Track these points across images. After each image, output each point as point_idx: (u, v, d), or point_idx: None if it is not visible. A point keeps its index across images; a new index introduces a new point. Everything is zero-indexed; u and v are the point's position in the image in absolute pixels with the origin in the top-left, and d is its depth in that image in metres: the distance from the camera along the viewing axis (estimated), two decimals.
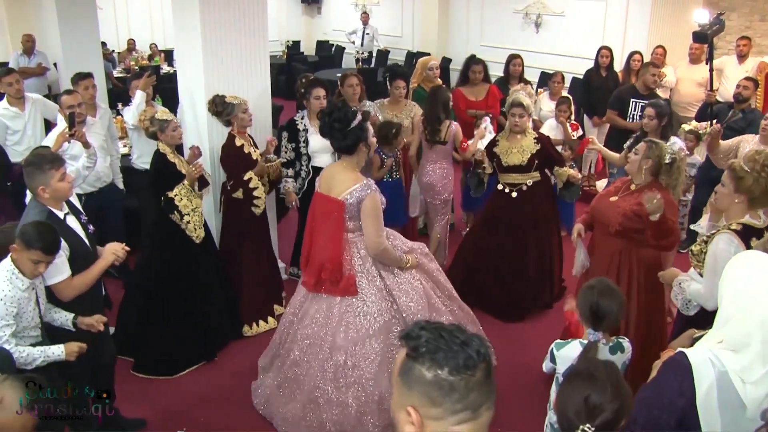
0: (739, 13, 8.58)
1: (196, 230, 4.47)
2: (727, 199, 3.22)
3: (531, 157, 4.97)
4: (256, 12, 5.02)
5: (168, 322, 4.50)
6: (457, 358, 1.28)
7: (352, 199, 3.57)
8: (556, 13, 10.36)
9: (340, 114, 3.56)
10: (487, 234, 5.27)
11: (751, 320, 1.96)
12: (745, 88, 6.06)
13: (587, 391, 1.85)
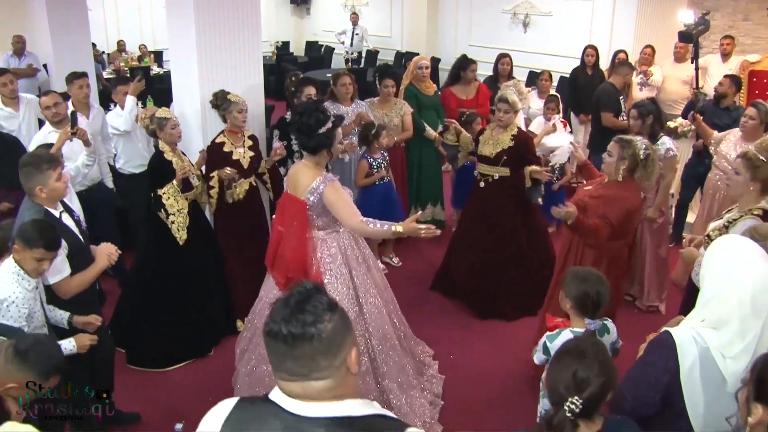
0: (723, 12, 8.73)
1: (179, 231, 4.49)
2: (742, 187, 3.44)
3: (500, 152, 5.07)
4: (250, 12, 5.10)
5: (163, 317, 4.55)
6: (283, 327, 1.45)
7: (313, 198, 3.58)
8: (543, 13, 10.48)
9: (310, 118, 3.56)
10: (464, 225, 5.48)
11: (730, 300, 2.07)
12: (721, 85, 6.24)
13: (575, 367, 1.94)
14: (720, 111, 6.26)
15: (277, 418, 1.47)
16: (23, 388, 2.34)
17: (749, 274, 2.08)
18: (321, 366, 1.46)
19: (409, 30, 12.83)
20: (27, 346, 2.39)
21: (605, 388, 1.93)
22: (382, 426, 1.48)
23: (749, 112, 5.10)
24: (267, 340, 1.48)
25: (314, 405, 1.46)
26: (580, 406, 1.87)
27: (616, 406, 2.17)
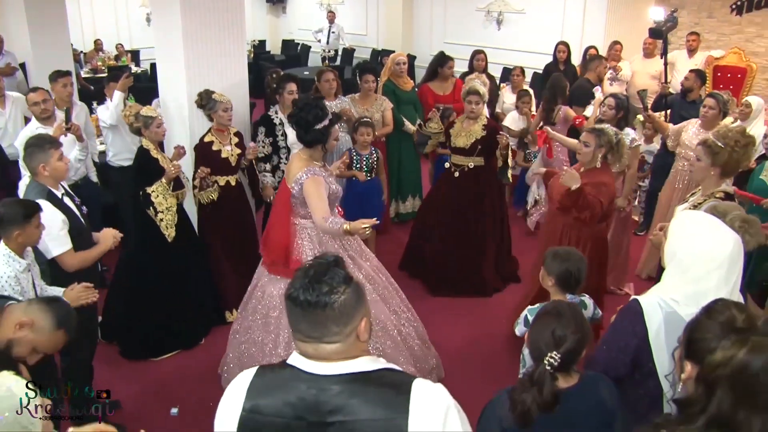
0: (689, 10, 9.02)
1: (167, 229, 4.58)
2: (704, 172, 3.65)
3: (475, 142, 5.26)
4: (235, 11, 5.22)
5: (154, 310, 4.66)
6: (301, 294, 1.62)
7: (297, 187, 3.72)
8: (516, 11, 10.70)
9: (309, 114, 3.70)
10: (431, 211, 5.64)
11: (710, 263, 2.27)
12: (687, 79, 6.51)
13: (554, 326, 2.15)
14: (687, 104, 6.52)
15: (298, 380, 1.63)
16: (34, 331, 2.51)
17: (724, 240, 2.30)
18: (332, 332, 1.62)
19: (384, 28, 12.99)
20: (54, 299, 2.68)
21: (580, 344, 2.13)
22: (392, 378, 1.65)
23: (708, 103, 5.34)
24: (287, 303, 1.65)
25: (329, 364, 1.62)
26: (559, 360, 2.07)
27: (590, 369, 2.37)
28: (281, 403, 1.62)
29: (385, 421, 1.57)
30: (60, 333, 2.58)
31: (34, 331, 2.51)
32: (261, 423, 1.63)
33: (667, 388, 2.27)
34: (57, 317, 2.56)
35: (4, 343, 2.48)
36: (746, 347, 1.59)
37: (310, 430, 1.59)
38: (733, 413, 1.57)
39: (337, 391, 1.59)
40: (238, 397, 1.67)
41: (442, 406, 1.60)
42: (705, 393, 1.62)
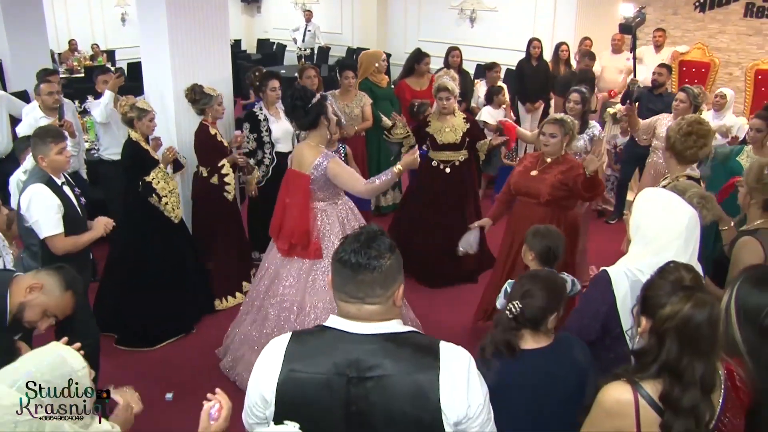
0: (655, 7, 9.31)
1: (174, 210, 4.78)
2: (665, 156, 4.01)
3: (463, 135, 5.45)
4: (218, 9, 5.39)
5: (147, 299, 4.80)
6: (352, 257, 1.77)
7: (317, 173, 3.93)
8: (489, 9, 10.94)
9: (300, 93, 3.96)
10: (424, 208, 5.67)
11: (670, 233, 2.51)
12: (660, 75, 6.75)
13: (526, 283, 2.40)
14: (654, 97, 6.79)
15: (339, 340, 1.79)
16: (44, 293, 2.67)
17: (682, 213, 2.54)
18: (376, 293, 1.79)
19: (359, 26, 13.15)
20: (60, 266, 2.83)
21: (550, 303, 2.36)
22: (421, 339, 1.83)
23: (680, 96, 5.61)
24: (336, 266, 1.81)
25: (367, 324, 1.79)
26: (519, 308, 2.32)
27: None
28: (322, 361, 1.77)
29: (418, 376, 1.73)
30: (68, 295, 2.74)
31: (44, 293, 2.67)
32: (302, 380, 1.77)
33: (630, 332, 2.49)
34: (65, 280, 2.72)
35: (15, 307, 2.63)
36: (691, 302, 1.84)
37: (350, 385, 1.74)
38: (679, 359, 1.82)
39: (374, 349, 1.76)
40: (276, 360, 1.81)
41: (465, 365, 1.78)
42: (657, 343, 1.87)
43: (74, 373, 1.91)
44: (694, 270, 2.26)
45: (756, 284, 2.20)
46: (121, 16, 13.67)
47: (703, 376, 1.81)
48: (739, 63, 8.77)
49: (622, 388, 1.91)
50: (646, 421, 1.87)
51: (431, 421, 1.72)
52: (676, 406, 1.82)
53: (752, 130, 4.79)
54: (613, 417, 1.92)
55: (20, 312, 2.65)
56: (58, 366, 1.90)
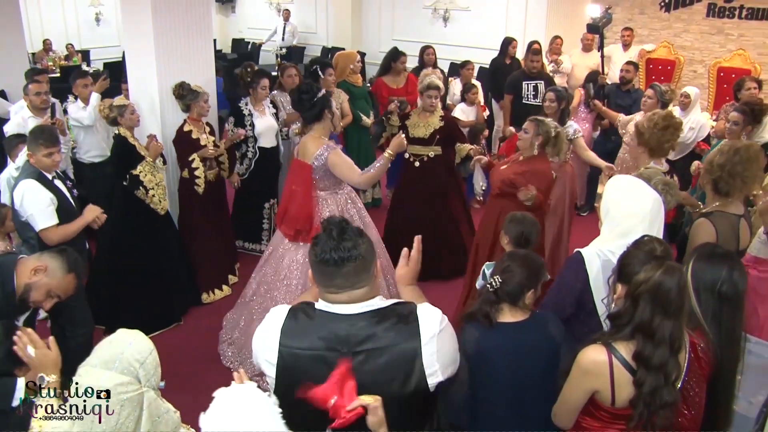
0: (622, 7, 9.61)
1: (161, 202, 4.91)
2: (634, 151, 4.23)
3: (434, 132, 5.62)
4: (202, 8, 5.54)
5: (136, 292, 4.93)
6: (331, 254, 1.92)
7: (318, 163, 4.17)
8: (462, 8, 11.14)
9: (307, 88, 4.23)
10: (400, 205, 5.93)
11: (635, 217, 2.74)
12: (627, 71, 7.04)
13: (508, 262, 2.61)
14: (622, 93, 7.07)
15: (330, 321, 1.96)
16: (48, 275, 2.82)
17: (645, 198, 2.77)
18: (361, 278, 1.96)
19: (334, 26, 13.28)
20: (62, 249, 2.99)
21: (526, 280, 2.56)
22: (401, 309, 2.01)
23: (648, 93, 5.89)
24: (318, 267, 1.95)
25: (356, 305, 1.96)
26: (499, 283, 2.51)
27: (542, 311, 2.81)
28: (316, 339, 1.94)
29: (403, 344, 1.92)
30: (71, 277, 2.89)
31: (48, 275, 2.82)
32: (298, 356, 1.94)
33: (603, 310, 2.70)
34: (67, 262, 2.88)
35: (22, 288, 2.76)
36: (662, 269, 2.07)
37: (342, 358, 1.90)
38: (651, 320, 2.05)
39: (363, 326, 1.93)
40: (275, 334, 1.98)
41: (438, 324, 1.97)
42: (632, 305, 2.09)
43: (152, 351, 2.09)
44: (664, 243, 2.51)
45: (707, 260, 2.48)
46: (96, 16, 13.63)
47: (671, 336, 2.04)
48: (702, 61, 9.11)
49: (597, 350, 2.13)
50: (619, 379, 2.10)
51: (417, 382, 1.92)
52: (648, 363, 2.04)
53: (730, 123, 5.04)
54: (589, 376, 2.14)
55: (26, 293, 2.79)
56: (141, 347, 2.06)
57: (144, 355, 2.02)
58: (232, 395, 1.68)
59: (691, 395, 2.21)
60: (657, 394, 2.04)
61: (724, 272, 2.41)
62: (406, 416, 1.97)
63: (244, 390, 1.70)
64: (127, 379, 1.93)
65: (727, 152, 3.42)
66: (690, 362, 2.20)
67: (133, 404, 1.92)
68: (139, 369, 1.99)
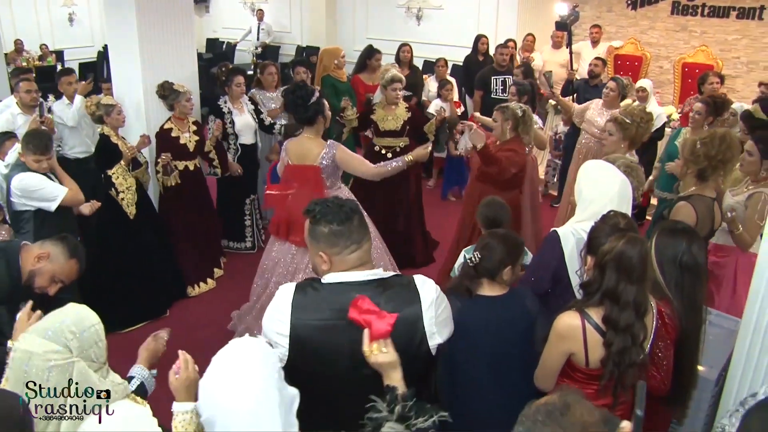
0: (591, 5, 9.90)
1: (129, 207, 4.97)
2: (616, 144, 4.40)
3: (404, 123, 5.82)
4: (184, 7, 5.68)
5: (121, 285, 5.04)
6: (339, 215, 2.15)
7: (325, 161, 4.20)
8: (435, 7, 11.35)
9: (302, 92, 4.22)
10: (366, 193, 5.80)
11: (604, 198, 2.97)
12: (596, 66, 7.29)
13: (488, 239, 2.81)
14: (591, 88, 7.31)
15: (338, 292, 2.13)
16: (51, 261, 2.93)
17: (613, 180, 3.01)
18: (365, 233, 2.18)
19: (308, 25, 13.38)
20: (63, 236, 3.08)
21: (504, 257, 2.75)
22: (400, 280, 2.21)
23: (610, 86, 6.11)
24: (327, 236, 2.14)
25: (358, 272, 2.15)
26: (478, 258, 2.72)
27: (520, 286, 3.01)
28: (326, 310, 2.11)
29: (406, 309, 2.10)
30: (73, 262, 2.99)
31: (51, 261, 2.93)
32: (310, 326, 2.10)
33: (576, 282, 2.91)
34: (69, 248, 2.98)
35: (26, 275, 2.90)
36: (624, 240, 2.30)
37: (351, 325, 2.07)
38: (616, 286, 2.27)
39: (370, 294, 2.10)
40: (285, 309, 2.13)
41: (434, 292, 2.16)
42: (599, 274, 2.31)
43: (94, 326, 2.15)
44: (628, 217, 2.75)
45: (669, 235, 2.73)
46: (69, 16, 13.59)
47: (635, 300, 2.25)
48: (668, 57, 9.42)
49: (572, 316, 2.34)
50: (592, 341, 2.31)
51: (419, 344, 2.12)
52: (615, 325, 2.25)
53: (694, 112, 5.31)
54: (565, 339, 2.35)
55: (31, 279, 2.91)
56: (81, 319, 2.13)
57: (81, 328, 2.09)
58: (234, 349, 1.79)
59: (660, 357, 2.43)
60: (625, 354, 2.25)
61: (684, 245, 2.66)
62: (410, 380, 2.13)
63: (246, 342, 1.82)
64: (57, 347, 2.00)
65: (711, 142, 3.68)
66: (657, 328, 2.43)
67: (62, 372, 1.98)
68: (72, 340, 2.04)
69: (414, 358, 2.12)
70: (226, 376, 1.66)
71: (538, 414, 1.26)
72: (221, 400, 1.63)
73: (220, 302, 5.45)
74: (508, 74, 7.61)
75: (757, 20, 8.56)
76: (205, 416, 1.65)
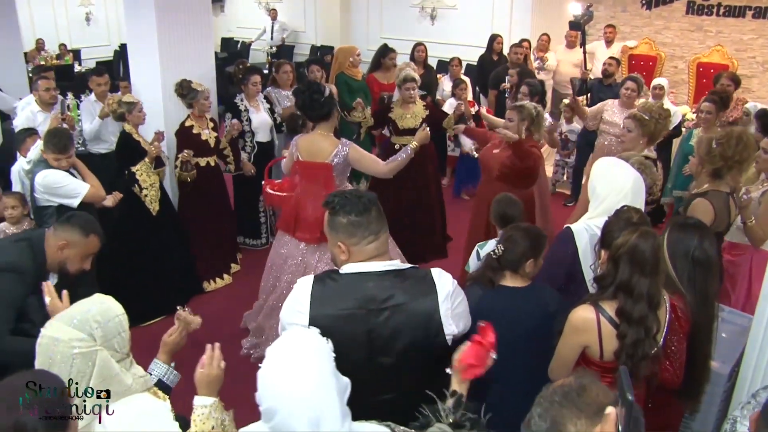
0: (605, 5, 9.91)
1: (152, 203, 5.07)
2: (635, 141, 4.42)
3: (422, 120, 5.84)
4: (202, 8, 5.78)
5: (139, 280, 5.12)
6: (358, 206, 2.21)
7: (338, 159, 4.21)
8: (449, 7, 11.40)
9: (314, 88, 4.27)
10: (386, 190, 5.85)
11: (618, 194, 3.01)
12: (610, 65, 7.32)
13: (512, 232, 2.86)
14: (605, 88, 7.34)
15: (356, 282, 2.19)
16: (71, 246, 3.02)
17: (627, 177, 3.06)
18: (383, 224, 2.25)
19: (323, 24, 13.44)
20: (68, 216, 3.16)
21: (527, 250, 2.79)
22: (417, 272, 2.27)
23: (630, 86, 6.12)
24: (345, 226, 2.21)
25: (376, 263, 2.21)
26: (501, 251, 2.77)
27: None
28: (345, 300, 2.17)
29: (423, 300, 2.17)
30: (92, 237, 3.08)
31: (72, 246, 3.01)
32: (330, 316, 2.16)
33: (590, 277, 2.95)
34: (81, 228, 3.05)
35: (56, 264, 3.01)
36: (637, 234, 2.34)
37: (369, 315, 2.16)
38: (630, 279, 2.31)
39: (386, 285, 2.17)
40: (305, 300, 2.19)
41: (451, 285, 2.22)
42: (613, 267, 2.35)
43: (118, 316, 2.21)
44: (641, 211, 2.79)
45: (681, 230, 2.79)
46: (86, 16, 13.75)
47: (648, 292, 2.29)
48: (682, 57, 9.41)
49: (587, 309, 2.39)
50: (606, 333, 2.35)
51: (435, 334, 2.18)
52: (629, 318, 2.29)
53: (702, 112, 5.35)
54: (580, 332, 2.39)
55: (63, 268, 2.99)
56: (106, 309, 2.20)
57: (106, 318, 2.15)
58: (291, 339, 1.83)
59: (673, 350, 2.47)
60: (638, 346, 2.29)
61: (696, 240, 2.72)
62: (427, 369, 2.23)
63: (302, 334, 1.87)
64: (82, 335, 2.07)
65: (727, 142, 3.70)
66: (670, 321, 2.46)
67: (85, 360, 2.04)
68: (97, 329, 2.10)
69: (430, 348, 2.19)
70: (284, 365, 1.70)
71: (555, 395, 1.31)
72: (281, 388, 1.66)
73: (236, 298, 5.52)
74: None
75: None
76: (265, 406, 1.68)
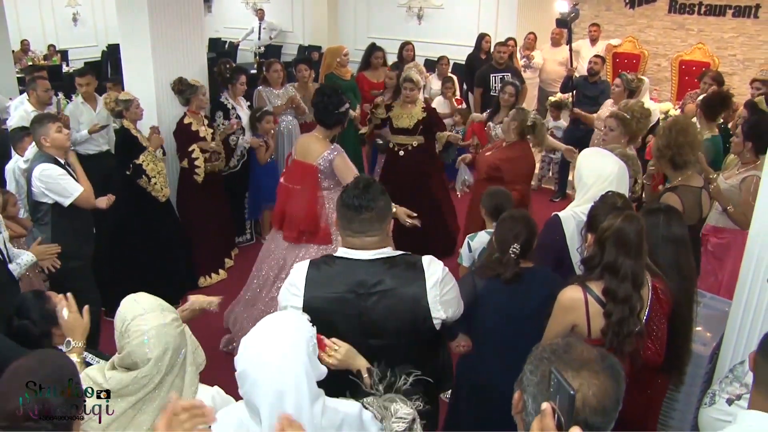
0: (590, 4, 10.06)
1: (162, 189, 5.18)
2: (617, 139, 4.52)
3: (417, 122, 5.95)
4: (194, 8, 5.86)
5: (138, 275, 5.12)
6: (356, 203, 2.28)
7: (324, 163, 4.27)
8: (435, 6, 11.52)
9: (335, 99, 4.27)
10: (391, 190, 6.19)
11: (603, 182, 3.15)
12: (595, 64, 7.46)
13: (513, 225, 2.94)
14: (590, 85, 7.49)
15: (348, 267, 2.31)
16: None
17: (612, 165, 3.21)
18: (374, 228, 2.32)
19: (310, 24, 13.52)
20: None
21: (531, 238, 2.92)
22: (408, 258, 2.37)
23: (616, 82, 6.34)
24: (342, 210, 2.32)
25: (369, 252, 2.31)
26: (519, 249, 2.87)
27: None
28: (338, 284, 2.29)
29: (411, 286, 2.28)
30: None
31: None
32: (323, 298, 2.28)
33: (577, 259, 3.07)
34: None
35: None
36: (621, 217, 2.47)
37: (359, 299, 2.27)
38: (615, 260, 2.44)
39: (375, 271, 2.28)
40: (299, 283, 2.31)
41: (440, 272, 2.32)
42: (599, 249, 2.47)
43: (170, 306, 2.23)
44: (624, 197, 2.93)
45: (649, 214, 2.96)
46: (73, 16, 13.74)
47: (633, 273, 2.42)
48: (665, 54, 9.58)
49: (574, 289, 2.51)
50: (593, 312, 2.48)
51: (423, 319, 2.29)
52: (615, 297, 2.42)
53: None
54: (568, 311, 2.51)
55: None
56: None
57: None
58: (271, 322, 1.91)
59: (654, 329, 2.59)
60: (624, 324, 2.42)
61: (662, 219, 2.91)
62: (416, 350, 2.33)
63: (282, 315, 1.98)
64: (174, 315, 2.16)
65: (664, 133, 3.88)
66: (652, 301, 2.58)
67: (184, 335, 2.15)
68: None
69: (419, 332, 2.31)
70: (260, 335, 1.81)
71: (543, 352, 1.43)
72: (252, 350, 1.78)
73: (230, 292, 5.56)
74: (507, 71, 7.76)
75: (753, 18, 8.73)
76: (239, 369, 1.79)
